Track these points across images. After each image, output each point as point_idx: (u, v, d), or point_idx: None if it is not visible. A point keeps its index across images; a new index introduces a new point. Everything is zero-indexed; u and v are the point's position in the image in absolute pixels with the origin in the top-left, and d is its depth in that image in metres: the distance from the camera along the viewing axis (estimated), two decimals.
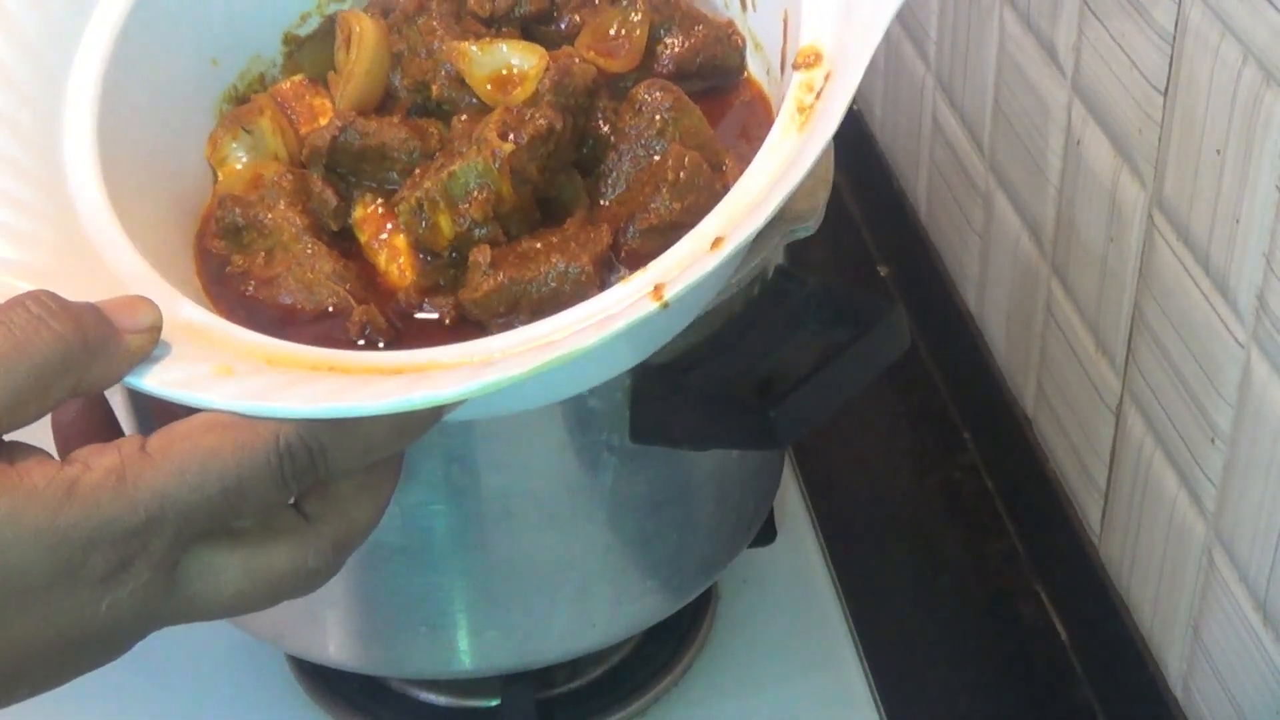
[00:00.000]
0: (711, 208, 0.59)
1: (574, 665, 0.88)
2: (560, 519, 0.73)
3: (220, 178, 0.70)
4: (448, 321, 0.63)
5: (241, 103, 0.73)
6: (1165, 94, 0.78)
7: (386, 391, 0.52)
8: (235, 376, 0.53)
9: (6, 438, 0.50)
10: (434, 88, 0.68)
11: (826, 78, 0.58)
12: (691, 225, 0.59)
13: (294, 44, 0.75)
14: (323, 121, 0.70)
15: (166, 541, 0.50)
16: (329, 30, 0.75)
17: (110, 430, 0.57)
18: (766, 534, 0.88)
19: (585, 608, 0.77)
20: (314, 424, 0.51)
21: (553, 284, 0.60)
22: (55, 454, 0.51)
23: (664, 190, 0.62)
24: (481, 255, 0.61)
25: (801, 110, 0.58)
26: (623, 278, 0.57)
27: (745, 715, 0.89)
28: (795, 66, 0.59)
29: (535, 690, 0.84)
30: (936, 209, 1.17)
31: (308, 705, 0.88)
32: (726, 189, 0.61)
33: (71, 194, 0.62)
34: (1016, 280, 1.02)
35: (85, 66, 0.66)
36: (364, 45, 0.69)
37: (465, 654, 0.77)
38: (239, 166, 0.69)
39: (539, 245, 0.62)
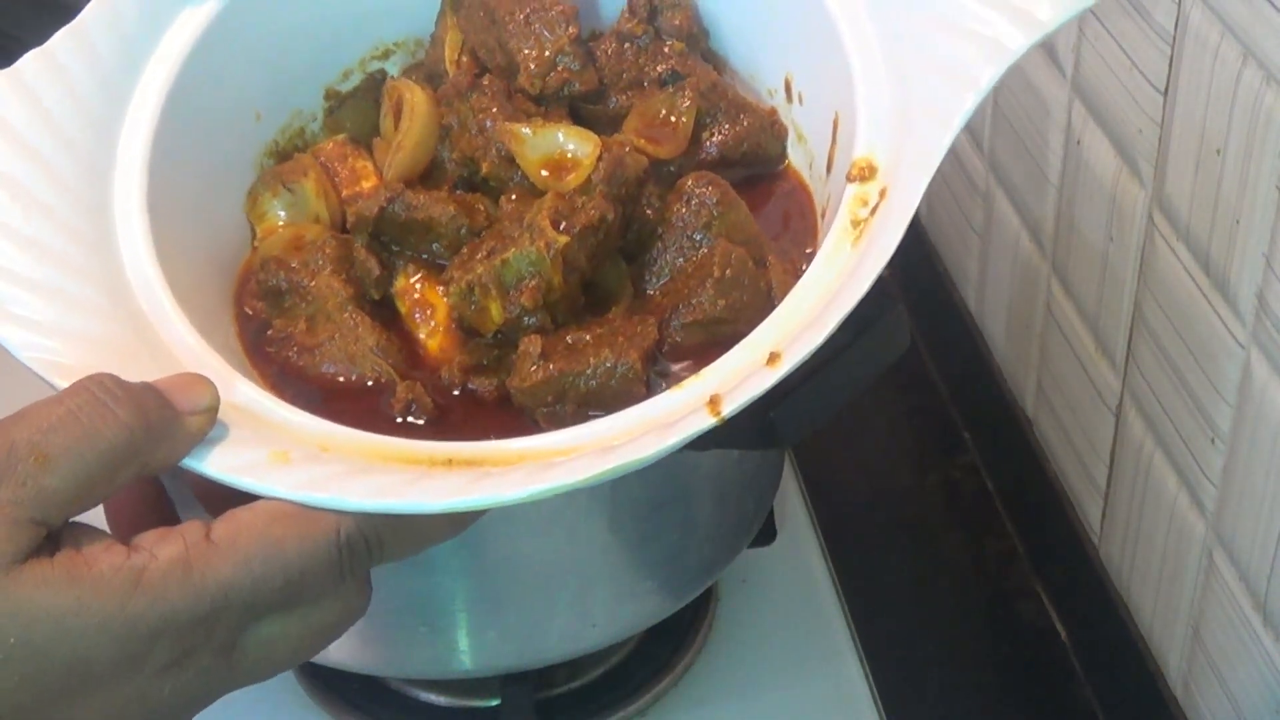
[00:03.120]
0: (755, 305, 0.61)
1: (574, 665, 0.88)
2: (560, 519, 0.73)
3: (259, 234, 0.69)
4: (489, 398, 0.63)
5: (282, 158, 0.72)
6: (1165, 94, 0.78)
7: (448, 490, 0.53)
8: (293, 464, 0.53)
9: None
10: (484, 165, 0.68)
11: (881, 194, 0.58)
12: (734, 321, 0.61)
13: (335, 99, 0.75)
14: (365, 185, 0.70)
15: (228, 628, 0.51)
16: (370, 87, 0.75)
17: (160, 504, 0.58)
18: (766, 534, 0.88)
19: (585, 608, 0.77)
20: (373, 517, 0.52)
21: (601, 378, 0.61)
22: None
23: (709, 285, 0.63)
24: (533, 345, 0.61)
25: (855, 224, 0.58)
26: (662, 370, 0.58)
27: (745, 715, 0.89)
28: (849, 178, 0.59)
29: (535, 690, 0.84)
30: (936, 209, 1.17)
31: (307, 705, 0.88)
32: (769, 286, 0.63)
33: (120, 255, 0.62)
34: (1016, 280, 1.02)
35: (137, 121, 0.65)
36: (415, 118, 0.69)
37: (465, 654, 0.77)
38: (279, 224, 0.69)
39: (588, 337, 0.62)
